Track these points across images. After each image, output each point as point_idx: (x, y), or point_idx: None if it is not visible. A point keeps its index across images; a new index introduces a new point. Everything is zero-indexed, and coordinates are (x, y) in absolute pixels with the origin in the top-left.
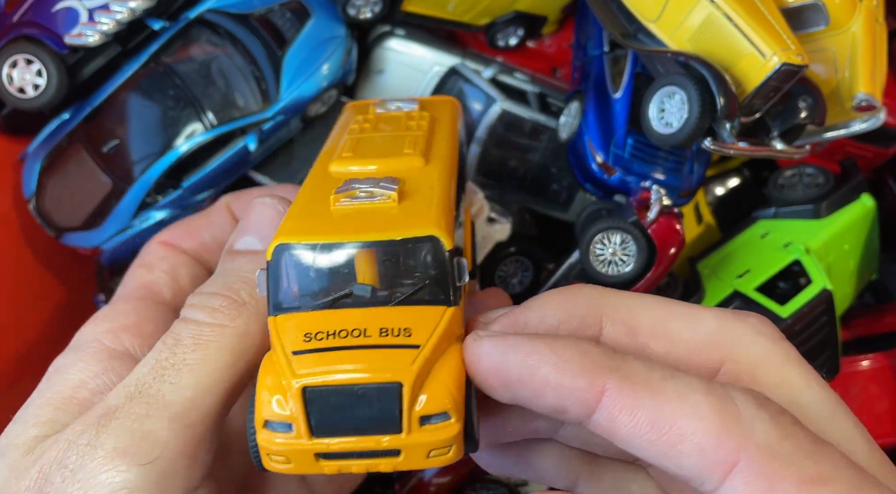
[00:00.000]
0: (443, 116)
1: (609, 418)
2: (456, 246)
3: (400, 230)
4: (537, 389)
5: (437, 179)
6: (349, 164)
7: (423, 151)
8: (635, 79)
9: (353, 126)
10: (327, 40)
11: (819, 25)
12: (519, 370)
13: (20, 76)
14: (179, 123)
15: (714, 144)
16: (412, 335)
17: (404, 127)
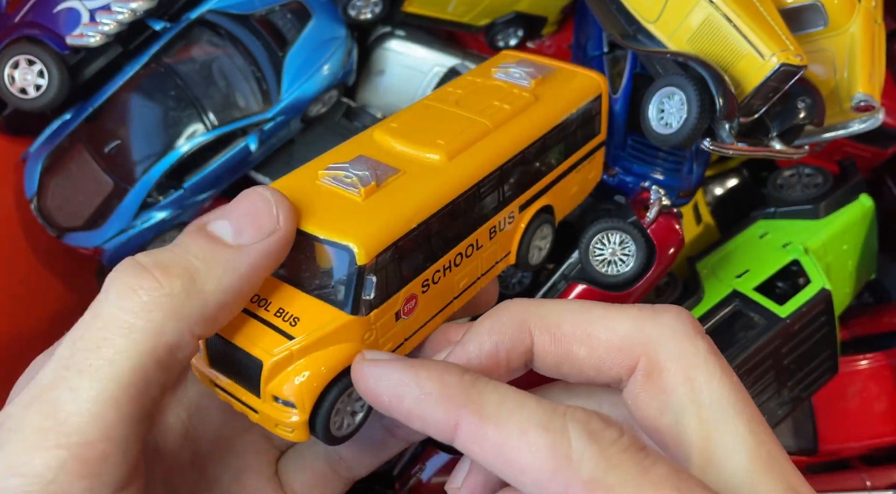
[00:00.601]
0: (554, 99)
1: (464, 447)
2: (378, 262)
3: (329, 229)
4: (404, 416)
5: (434, 183)
6: (386, 135)
7: (461, 146)
8: (634, 79)
9: (447, 89)
10: (328, 41)
11: (818, 26)
12: (388, 396)
13: (22, 77)
14: (181, 124)
15: (713, 145)
16: (296, 326)
17: (485, 106)
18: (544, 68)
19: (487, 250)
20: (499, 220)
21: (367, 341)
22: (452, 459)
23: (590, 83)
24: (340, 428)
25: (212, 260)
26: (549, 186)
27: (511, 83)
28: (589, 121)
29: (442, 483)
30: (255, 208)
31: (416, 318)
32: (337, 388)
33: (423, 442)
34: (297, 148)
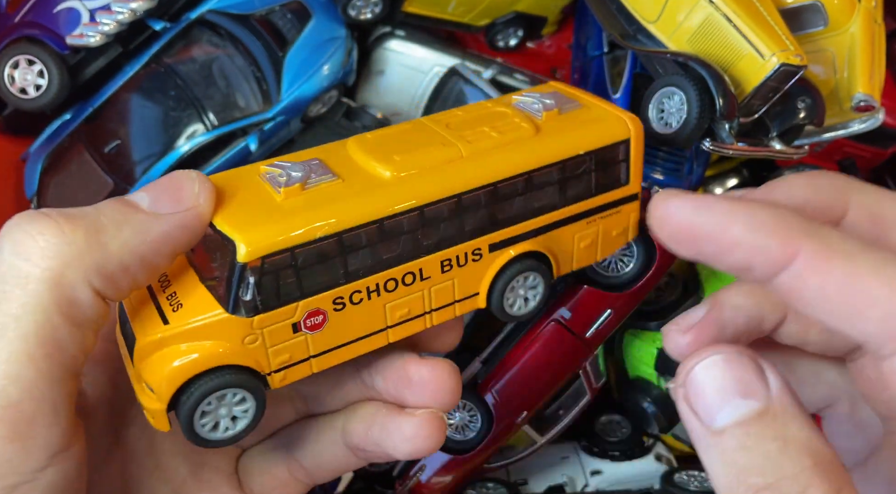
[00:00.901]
0: (560, 134)
1: (799, 278)
2: (267, 264)
3: (228, 221)
4: (726, 246)
5: (367, 197)
6: (355, 145)
7: (417, 165)
8: (634, 79)
9: (455, 110)
10: (328, 41)
11: (818, 26)
12: (710, 226)
13: (22, 77)
14: (181, 124)
15: (713, 145)
16: (176, 313)
17: (473, 131)
18: (570, 103)
19: (439, 285)
20: (456, 254)
21: (249, 345)
22: (452, 459)
23: (615, 124)
24: (215, 431)
25: (121, 221)
26: (540, 230)
27: (519, 112)
28: (609, 166)
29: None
30: (177, 182)
31: (327, 336)
32: (204, 384)
33: None
34: (297, 148)
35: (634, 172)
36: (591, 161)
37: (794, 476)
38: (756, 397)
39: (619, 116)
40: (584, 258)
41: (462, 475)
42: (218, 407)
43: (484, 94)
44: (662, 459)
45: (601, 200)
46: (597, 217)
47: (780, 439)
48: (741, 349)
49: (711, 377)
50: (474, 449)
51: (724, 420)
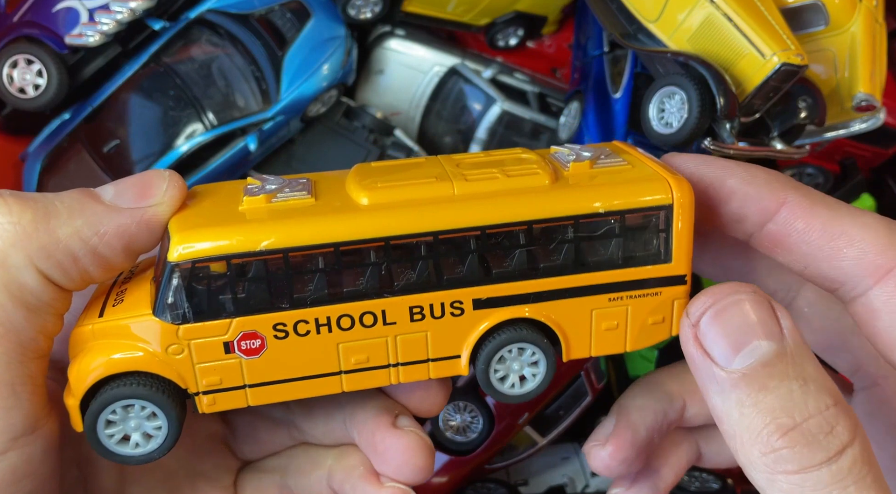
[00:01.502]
0: (582, 189)
1: (785, 223)
2: (198, 270)
3: (178, 220)
4: (724, 196)
5: (327, 219)
6: (355, 171)
7: (396, 198)
8: (635, 79)
9: (480, 153)
10: (327, 41)
11: (819, 26)
12: (710, 178)
13: (21, 76)
14: (180, 123)
15: (714, 144)
16: (114, 308)
17: (480, 173)
18: (611, 158)
19: (408, 335)
20: (430, 302)
21: (173, 356)
22: (453, 460)
23: (655, 186)
24: (123, 445)
25: (76, 209)
26: (544, 295)
27: (546, 160)
28: (642, 235)
29: (442, 483)
30: (146, 179)
31: (266, 366)
32: (116, 389)
33: None
34: (296, 148)
35: (679, 249)
36: (615, 224)
37: (821, 415)
38: (773, 337)
39: (663, 178)
40: (606, 344)
41: (462, 475)
42: (125, 418)
43: (484, 93)
44: None
45: (630, 274)
46: (624, 295)
47: (800, 378)
48: (755, 288)
49: (728, 319)
50: (475, 450)
51: (745, 362)
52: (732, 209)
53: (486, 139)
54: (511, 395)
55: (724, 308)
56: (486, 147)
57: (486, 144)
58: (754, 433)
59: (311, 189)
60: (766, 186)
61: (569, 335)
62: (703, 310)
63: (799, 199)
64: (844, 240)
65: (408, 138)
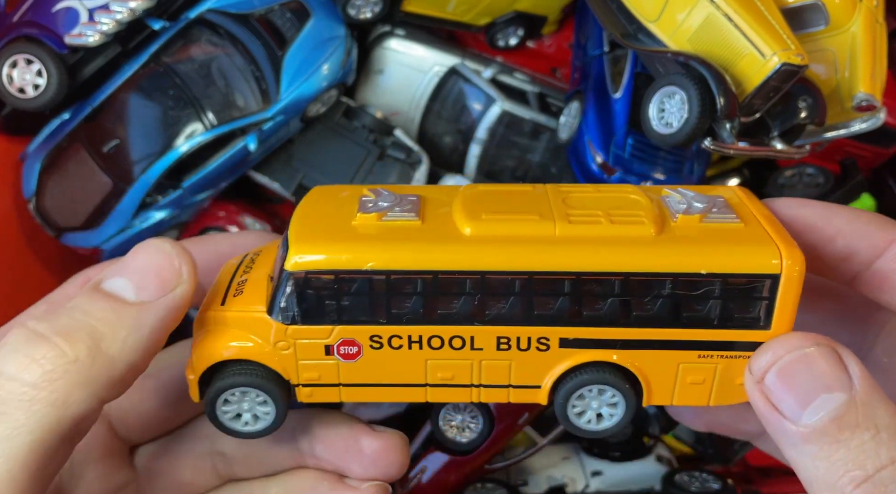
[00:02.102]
0: (685, 246)
1: (894, 260)
2: (311, 280)
3: (300, 230)
4: (829, 235)
5: (432, 246)
6: (464, 192)
7: (499, 232)
8: (635, 79)
9: (588, 186)
10: (327, 40)
11: (819, 25)
12: (814, 218)
13: (20, 76)
14: (179, 123)
15: (714, 144)
16: (234, 299)
17: (584, 214)
18: (724, 213)
19: (492, 361)
20: (517, 335)
21: (280, 350)
22: (453, 460)
23: (764, 253)
24: (235, 421)
25: (115, 321)
26: (632, 344)
27: (656, 206)
28: (743, 300)
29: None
30: (154, 262)
31: (360, 370)
32: (232, 374)
33: (424, 443)
34: (296, 148)
35: (781, 318)
36: (716, 286)
37: (894, 464)
38: (842, 388)
39: (774, 244)
40: (689, 396)
41: (463, 475)
42: (241, 401)
43: (484, 93)
44: (663, 460)
45: (725, 335)
46: (715, 354)
47: (872, 427)
48: (819, 339)
49: (794, 374)
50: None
51: (813, 417)
52: (838, 247)
53: (486, 139)
54: (586, 430)
55: (788, 364)
56: (486, 147)
57: (486, 143)
58: (829, 485)
59: (418, 209)
60: (874, 223)
61: (652, 384)
62: (766, 366)
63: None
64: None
65: (407, 138)
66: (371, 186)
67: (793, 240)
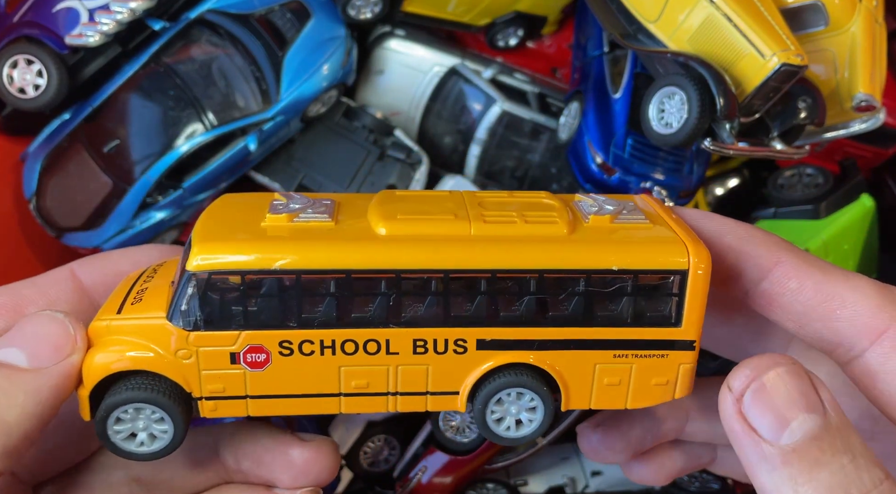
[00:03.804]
0: (596, 244)
1: (779, 283)
2: (215, 281)
3: (203, 232)
4: (720, 252)
5: (343, 245)
6: (379, 198)
7: (413, 232)
8: (635, 79)
9: (504, 192)
10: (327, 41)
11: (819, 26)
12: (707, 234)
13: (21, 76)
14: (180, 124)
15: (714, 145)
16: (132, 306)
17: (499, 216)
18: (634, 214)
19: (409, 366)
20: (434, 337)
21: (181, 360)
22: (453, 460)
23: (673, 250)
24: (129, 442)
25: (9, 387)
26: (548, 344)
27: (568, 209)
28: (655, 298)
29: (443, 484)
30: (46, 329)
31: (269, 380)
32: (124, 389)
33: (425, 443)
34: (296, 148)
35: (690, 315)
36: (628, 283)
37: (877, 489)
38: (817, 410)
39: (681, 242)
40: (606, 399)
41: (462, 475)
42: (136, 418)
43: (484, 93)
44: None
45: (638, 334)
46: (629, 353)
47: (848, 452)
48: (791, 359)
49: (773, 392)
50: (475, 450)
51: (793, 437)
52: (728, 265)
53: (486, 139)
54: (504, 437)
55: (766, 382)
56: (486, 147)
57: (486, 144)
58: None
59: (332, 212)
60: (762, 245)
61: (570, 386)
62: (745, 384)
63: (793, 259)
64: (837, 301)
65: (408, 138)
66: (285, 192)
67: (699, 239)
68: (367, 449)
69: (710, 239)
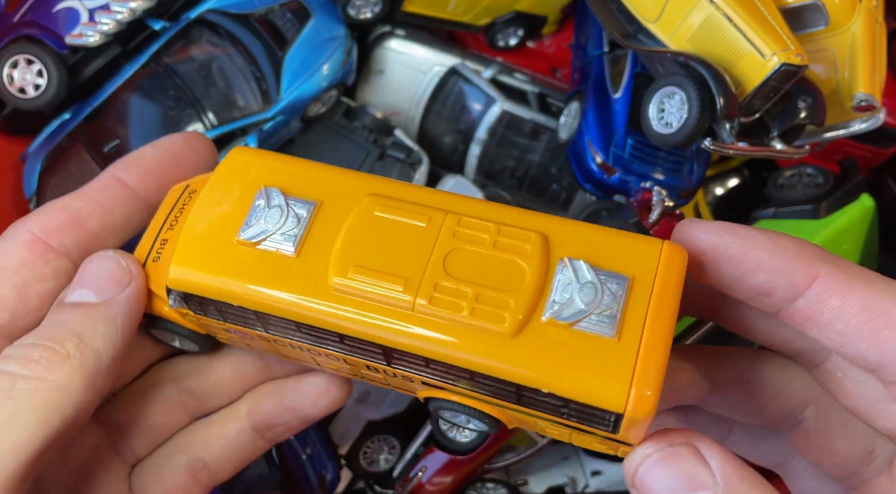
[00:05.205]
0: (527, 361)
1: (818, 301)
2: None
3: (188, 243)
4: (749, 269)
5: (283, 287)
6: (358, 216)
7: (354, 289)
8: (635, 79)
9: (488, 227)
10: (327, 41)
11: (819, 26)
12: (734, 249)
13: (21, 76)
14: (180, 124)
15: (714, 145)
16: (156, 265)
17: (443, 286)
18: (601, 320)
19: (368, 372)
20: (383, 369)
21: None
22: (453, 460)
23: (611, 389)
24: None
25: (88, 320)
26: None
27: (535, 290)
28: (588, 419)
29: (443, 484)
30: (103, 267)
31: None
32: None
33: (425, 443)
34: (296, 148)
35: (631, 437)
36: (561, 402)
37: None
38: (704, 486)
39: (627, 383)
40: (551, 434)
41: (463, 475)
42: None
43: (484, 93)
44: None
45: (576, 425)
46: (568, 430)
47: None
48: (673, 438)
49: (655, 480)
50: (475, 450)
51: None
52: (758, 283)
53: (486, 139)
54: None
55: (647, 470)
56: (486, 147)
57: (486, 143)
58: None
59: (301, 234)
60: (796, 257)
61: (513, 423)
62: (632, 474)
63: (833, 272)
64: (885, 321)
65: (408, 138)
66: (271, 191)
67: (658, 374)
68: (366, 449)
69: (735, 257)
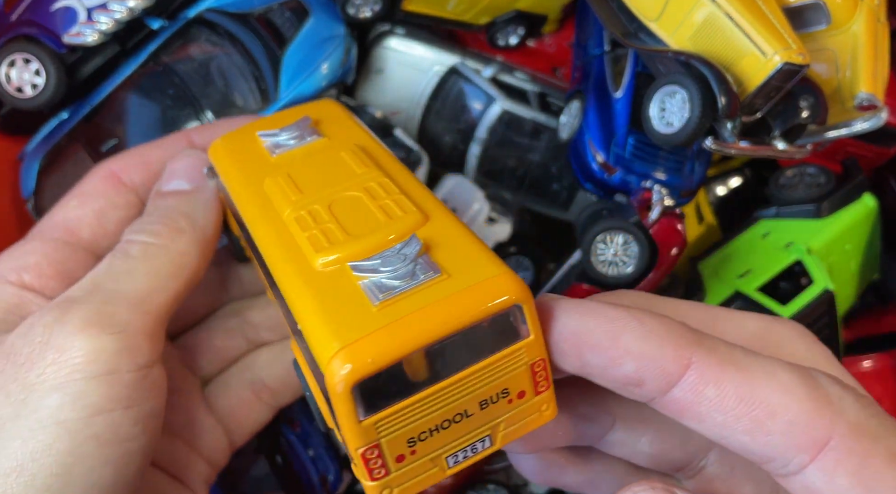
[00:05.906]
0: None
1: (693, 391)
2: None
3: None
4: (616, 357)
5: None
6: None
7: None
8: (636, 78)
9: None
10: (327, 39)
11: (820, 25)
12: (598, 335)
13: (18, 76)
14: (179, 123)
15: (715, 144)
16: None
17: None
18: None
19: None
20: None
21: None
22: None
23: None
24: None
25: (187, 204)
26: None
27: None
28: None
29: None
30: (190, 162)
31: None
32: None
33: None
34: None
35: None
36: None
37: None
38: None
39: (344, 339)
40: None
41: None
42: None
43: (484, 92)
44: None
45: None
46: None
47: None
48: (656, 485)
49: None
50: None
51: None
52: (626, 373)
53: (487, 138)
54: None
55: None
56: (487, 147)
57: (487, 143)
58: None
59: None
60: (667, 343)
61: None
62: None
63: (706, 359)
64: (765, 410)
65: (408, 138)
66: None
67: (389, 355)
68: None
69: (600, 343)
